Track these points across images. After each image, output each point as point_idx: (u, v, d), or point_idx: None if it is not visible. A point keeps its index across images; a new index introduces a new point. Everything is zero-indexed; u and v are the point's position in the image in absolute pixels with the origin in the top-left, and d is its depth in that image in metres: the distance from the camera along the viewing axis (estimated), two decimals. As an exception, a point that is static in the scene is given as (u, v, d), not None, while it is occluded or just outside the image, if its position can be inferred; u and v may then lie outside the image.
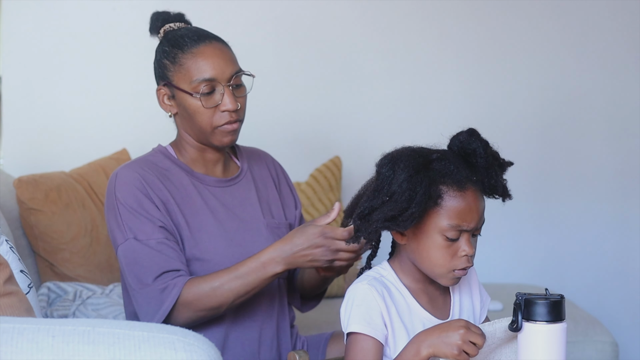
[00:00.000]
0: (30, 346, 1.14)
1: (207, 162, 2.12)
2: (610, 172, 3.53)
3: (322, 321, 2.71)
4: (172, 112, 2.08)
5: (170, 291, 1.94)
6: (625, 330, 3.50)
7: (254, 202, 2.15)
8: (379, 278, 1.67)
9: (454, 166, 1.62)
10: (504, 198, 1.70)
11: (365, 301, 1.63)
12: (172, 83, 2.04)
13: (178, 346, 1.18)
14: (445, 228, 1.61)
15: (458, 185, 1.61)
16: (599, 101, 3.52)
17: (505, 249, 3.51)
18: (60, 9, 3.25)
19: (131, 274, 1.98)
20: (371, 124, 3.42)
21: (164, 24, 2.11)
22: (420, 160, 1.61)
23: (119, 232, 2.00)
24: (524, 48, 3.50)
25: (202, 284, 1.95)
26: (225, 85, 2.02)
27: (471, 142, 1.65)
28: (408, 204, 1.58)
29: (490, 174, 1.65)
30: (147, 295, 1.96)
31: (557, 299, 1.55)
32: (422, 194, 1.58)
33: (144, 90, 3.29)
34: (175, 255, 1.98)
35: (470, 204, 1.62)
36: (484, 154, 1.65)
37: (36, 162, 3.17)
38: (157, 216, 1.99)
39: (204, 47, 2.03)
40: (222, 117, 2.03)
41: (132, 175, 2.02)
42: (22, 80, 3.24)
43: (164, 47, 2.07)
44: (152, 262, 1.96)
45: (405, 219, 1.59)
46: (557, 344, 1.54)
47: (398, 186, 1.58)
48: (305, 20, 3.41)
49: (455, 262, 1.63)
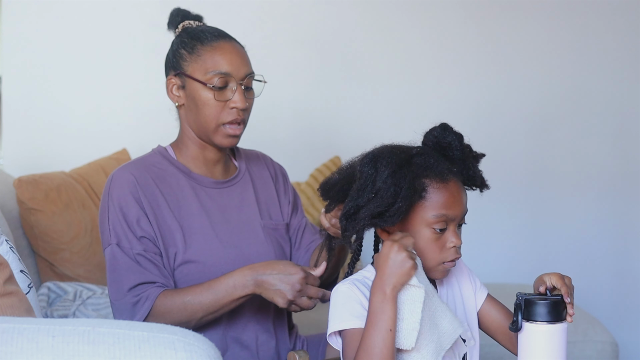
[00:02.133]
0: (30, 346, 1.14)
1: (208, 162, 2.13)
2: (610, 172, 3.53)
3: (322, 321, 2.71)
4: (180, 102, 2.10)
5: (142, 304, 1.97)
6: (625, 330, 3.50)
7: (251, 203, 2.15)
8: (362, 279, 1.68)
9: (434, 160, 1.65)
10: (482, 188, 1.72)
11: (349, 298, 1.64)
12: (185, 73, 2.06)
13: (178, 346, 1.18)
14: (432, 220, 1.63)
15: (440, 177, 1.63)
16: (598, 101, 3.52)
17: (505, 248, 3.51)
18: (61, 9, 3.25)
19: (110, 281, 2.03)
20: (371, 124, 3.43)
21: (184, 19, 2.15)
22: (401, 156, 1.64)
23: (106, 235, 2.04)
24: (524, 48, 3.50)
25: (174, 297, 1.98)
26: (238, 83, 2.04)
27: (445, 135, 1.68)
28: (394, 199, 1.60)
29: (468, 165, 1.68)
30: (120, 308, 2.01)
31: (557, 299, 1.55)
32: (407, 188, 1.60)
33: (144, 90, 3.30)
34: (151, 268, 2.01)
35: (454, 194, 1.64)
36: (460, 146, 1.68)
37: (36, 162, 3.17)
38: (142, 225, 2.01)
39: (224, 43, 2.07)
40: (229, 114, 2.04)
41: (127, 178, 2.04)
42: (22, 80, 3.24)
43: (182, 38, 2.10)
44: (128, 272, 2.00)
45: (392, 214, 1.60)
46: (557, 344, 1.54)
47: (382, 182, 1.60)
48: (306, 20, 3.41)
49: (444, 254, 1.64)
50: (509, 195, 3.47)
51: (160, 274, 2.01)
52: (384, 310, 1.54)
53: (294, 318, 2.35)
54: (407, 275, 1.55)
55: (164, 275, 2.02)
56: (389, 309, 1.54)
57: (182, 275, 2.05)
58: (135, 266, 2.00)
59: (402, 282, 1.55)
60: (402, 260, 1.55)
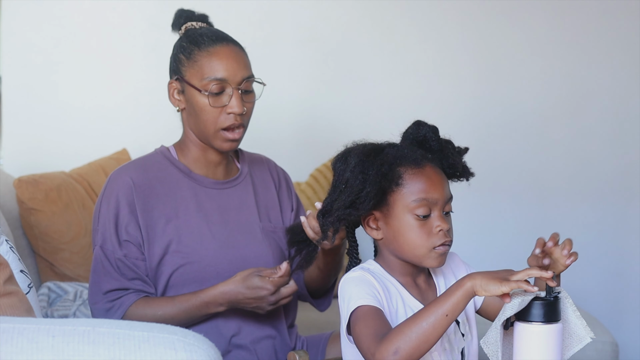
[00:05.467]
0: (30, 346, 1.14)
1: (209, 163, 2.13)
2: (609, 172, 3.53)
3: (322, 321, 2.71)
4: (180, 107, 2.10)
5: (115, 312, 2.00)
6: (625, 330, 3.50)
7: (251, 205, 2.15)
8: (367, 269, 1.69)
9: (407, 150, 1.67)
10: (467, 177, 1.73)
11: (363, 281, 1.64)
12: (183, 78, 2.06)
13: (178, 346, 1.18)
14: (413, 206, 1.63)
15: (415, 163, 1.65)
16: (599, 101, 3.52)
17: (505, 249, 3.50)
18: (60, 8, 3.25)
19: (90, 282, 2.06)
20: (372, 124, 3.42)
21: (187, 21, 2.14)
22: (370, 147, 1.68)
23: (94, 235, 2.07)
24: (524, 48, 3.50)
25: (146, 308, 2.01)
26: (235, 88, 2.04)
27: (420, 130, 1.71)
28: (363, 185, 1.62)
29: (446, 154, 1.70)
30: (95, 312, 2.04)
31: (553, 300, 1.55)
32: (375, 173, 1.62)
33: (144, 90, 3.30)
34: (129, 273, 2.03)
35: (432, 177, 1.65)
36: (435, 137, 1.70)
37: (36, 162, 3.16)
38: (129, 229, 2.03)
39: (221, 47, 2.06)
40: (226, 119, 2.04)
41: (124, 181, 2.05)
42: (22, 80, 3.24)
43: (182, 42, 2.10)
44: (107, 276, 2.03)
45: (363, 200, 1.62)
46: (552, 344, 1.54)
47: (350, 172, 1.64)
48: (306, 20, 3.40)
49: (432, 239, 1.64)
50: (507, 196, 3.47)
51: (139, 280, 2.04)
52: (452, 295, 1.50)
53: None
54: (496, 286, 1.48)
55: (143, 282, 2.04)
56: (457, 298, 1.49)
57: (178, 275, 2.05)
58: (113, 271, 2.02)
59: (486, 287, 1.49)
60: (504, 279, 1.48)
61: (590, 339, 1.61)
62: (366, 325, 1.57)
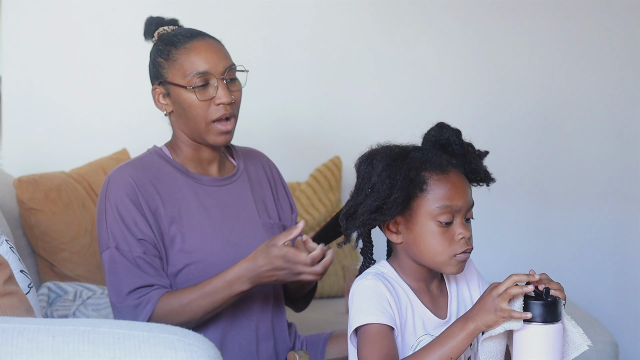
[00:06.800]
0: (30, 346, 1.14)
1: (203, 161, 2.13)
2: (610, 172, 3.53)
3: (321, 321, 2.71)
4: (168, 110, 2.10)
5: (143, 308, 1.98)
6: (625, 330, 3.50)
7: (249, 202, 2.15)
8: (381, 274, 1.68)
9: (432, 154, 1.65)
10: (487, 182, 1.72)
11: (376, 293, 1.63)
12: (166, 80, 2.06)
13: (178, 346, 1.18)
14: (436, 212, 1.62)
15: (440, 169, 1.63)
16: (598, 101, 3.52)
17: (505, 249, 3.50)
18: (61, 9, 3.25)
19: (109, 284, 2.03)
20: (371, 124, 3.42)
21: (158, 27, 2.14)
22: (396, 150, 1.65)
23: (104, 238, 2.03)
24: (523, 48, 3.50)
25: (172, 300, 1.99)
26: (219, 79, 2.03)
27: (443, 133, 1.69)
28: (390, 190, 1.60)
29: (469, 158, 1.68)
30: (122, 311, 2.01)
31: (553, 300, 1.55)
32: (402, 179, 1.60)
33: (144, 90, 3.29)
34: (151, 271, 2.01)
35: (456, 184, 1.64)
36: (458, 141, 1.68)
37: (36, 162, 3.16)
38: (141, 227, 2.01)
39: (197, 42, 2.06)
40: (216, 111, 2.04)
41: (125, 180, 2.04)
42: (22, 80, 3.24)
43: (158, 47, 2.10)
44: (128, 275, 2.00)
45: (390, 206, 1.61)
46: (552, 345, 1.54)
47: (377, 176, 1.62)
48: (306, 20, 3.40)
49: (454, 246, 1.63)
50: (510, 196, 3.47)
51: (159, 276, 2.02)
52: (456, 338, 1.54)
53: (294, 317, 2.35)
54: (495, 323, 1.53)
55: (162, 277, 2.02)
56: (461, 340, 1.54)
57: (182, 275, 2.05)
58: (134, 269, 2.00)
59: (490, 326, 1.53)
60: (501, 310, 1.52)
61: (587, 347, 1.60)
62: (373, 350, 1.58)
